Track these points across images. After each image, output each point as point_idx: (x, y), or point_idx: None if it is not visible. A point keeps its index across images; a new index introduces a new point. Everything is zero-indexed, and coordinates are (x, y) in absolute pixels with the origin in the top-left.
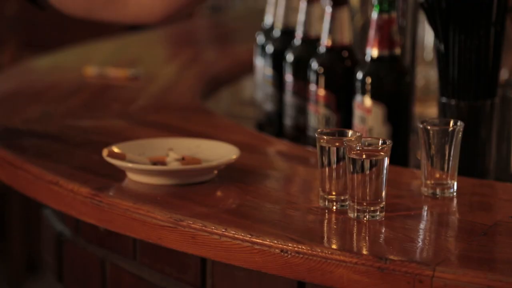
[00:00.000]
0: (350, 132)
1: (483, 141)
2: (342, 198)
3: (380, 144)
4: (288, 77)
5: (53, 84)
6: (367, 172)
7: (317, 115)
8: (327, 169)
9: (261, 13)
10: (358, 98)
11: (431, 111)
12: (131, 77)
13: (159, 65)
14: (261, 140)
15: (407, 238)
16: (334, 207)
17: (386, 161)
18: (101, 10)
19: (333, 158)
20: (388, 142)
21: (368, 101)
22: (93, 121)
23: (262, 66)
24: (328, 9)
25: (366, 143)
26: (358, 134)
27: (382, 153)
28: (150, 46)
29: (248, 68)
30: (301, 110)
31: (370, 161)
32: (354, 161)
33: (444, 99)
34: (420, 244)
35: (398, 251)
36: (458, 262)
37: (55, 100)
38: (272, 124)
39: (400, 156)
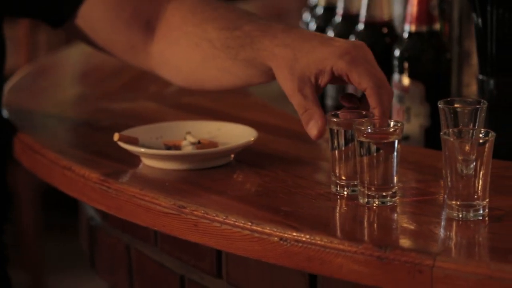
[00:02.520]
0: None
1: None
2: (352, 183)
3: (390, 126)
4: None
5: (95, 66)
6: (375, 155)
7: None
8: (336, 152)
9: None
10: (395, 76)
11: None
12: None
13: None
14: (293, 123)
15: (413, 225)
16: (345, 193)
17: (396, 144)
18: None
19: (342, 141)
20: (400, 123)
21: (405, 79)
22: (126, 104)
23: None
24: None
25: (377, 125)
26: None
27: (389, 136)
28: None
29: None
30: (342, 90)
31: (377, 144)
32: (362, 144)
33: (482, 77)
34: (425, 232)
35: (400, 239)
36: (461, 251)
37: (94, 83)
38: None
39: (438, 138)
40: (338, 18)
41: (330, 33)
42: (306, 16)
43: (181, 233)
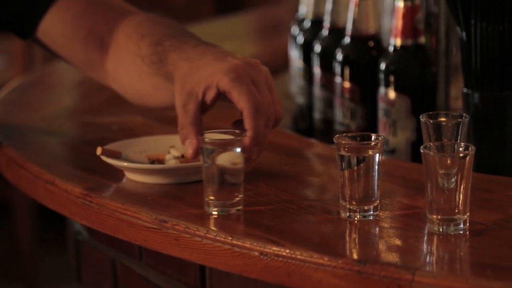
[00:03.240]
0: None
1: (509, 134)
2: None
3: (371, 140)
4: (316, 69)
5: (83, 80)
6: (355, 168)
7: (342, 109)
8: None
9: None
10: (381, 90)
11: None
12: None
13: None
14: (278, 137)
15: (393, 239)
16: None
17: (378, 157)
18: None
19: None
20: (381, 138)
21: (391, 93)
22: (111, 118)
23: (295, 58)
24: None
25: (358, 139)
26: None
27: (371, 149)
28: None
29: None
30: (329, 103)
31: (357, 158)
32: (342, 157)
33: (467, 90)
34: (405, 246)
35: (380, 253)
36: (441, 266)
37: (82, 96)
38: (304, 118)
39: None
40: (325, 32)
41: (317, 47)
42: (294, 29)
43: (162, 248)
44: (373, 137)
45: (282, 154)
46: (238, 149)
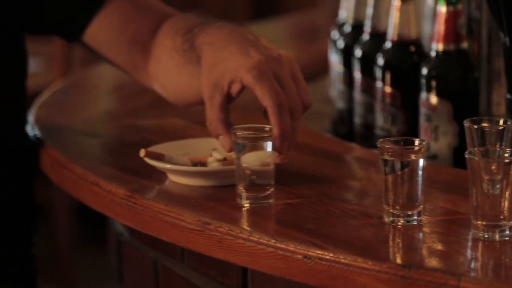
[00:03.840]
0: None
1: None
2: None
3: (415, 145)
4: (357, 74)
5: (124, 83)
6: (399, 173)
7: (383, 113)
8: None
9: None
10: (423, 95)
11: None
12: None
13: None
14: (318, 140)
15: (437, 245)
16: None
17: (422, 162)
18: None
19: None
20: (424, 142)
21: (433, 98)
22: (153, 120)
23: (335, 62)
24: (395, 2)
25: (401, 143)
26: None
27: (415, 154)
28: None
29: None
30: (369, 108)
31: (401, 162)
32: (386, 162)
33: (510, 96)
34: (449, 251)
35: (424, 259)
36: (487, 272)
37: (123, 99)
38: (344, 123)
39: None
40: (365, 36)
41: (358, 52)
42: (334, 34)
43: (205, 250)
44: (416, 142)
45: (323, 158)
46: (269, 148)
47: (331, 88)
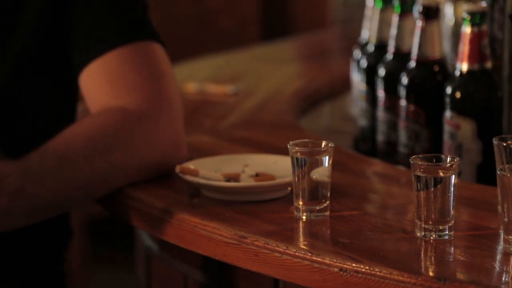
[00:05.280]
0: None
1: None
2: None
3: (447, 161)
4: (380, 92)
5: None
6: (432, 189)
7: (407, 131)
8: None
9: None
10: (447, 113)
11: None
12: (230, 93)
13: (261, 81)
14: (345, 156)
15: (469, 259)
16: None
17: (453, 179)
18: None
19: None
20: (456, 159)
21: (457, 116)
22: None
23: (357, 81)
24: (419, 23)
25: (433, 160)
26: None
27: (447, 171)
28: (254, 62)
29: (349, 83)
30: (393, 126)
31: (434, 179)
32: (418, 178)
33: None
34: (481, 265)
35: (458, 272)
36: None
37: None
38: (366, 140)
39: (491, 173)
40: (389, 56)
41: (382, 71)
42: (357, 53)
43: (241, 263)
44: (448, 159)
45: (351, 174)
46: (327, 163)
47: (353, 106)
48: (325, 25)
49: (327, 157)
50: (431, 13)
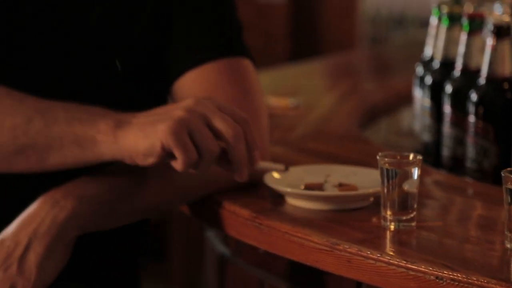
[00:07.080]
0: None
1: None
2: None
3: None
4: (447, 108)
5: None
6: None
7: (475, 147)
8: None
9: (420, 45)
10: None
11: None
12: (292, 106)
13: (319, 95)
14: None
15: None
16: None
17: None
18: None
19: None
20: None
21: None
22: None
23: (420, 97)
24: (489, 41)
25: None
26: None
27: None
28: (311, 77)
29: (406, 99)
30: (459, 141)
31: None
32: (510, 191)
33: None
34: None
35: None
36: None
37: None
38: (429, 155)
39: None
40: (456, 73)
41: (449, 87)
42: (420, 70)
43: (334, 269)
44: None
45: (427, 186)
46: (416, 175)
47: (415, 121)
48: (354, 46)
49: (416, 169)
50: (502, 32)
